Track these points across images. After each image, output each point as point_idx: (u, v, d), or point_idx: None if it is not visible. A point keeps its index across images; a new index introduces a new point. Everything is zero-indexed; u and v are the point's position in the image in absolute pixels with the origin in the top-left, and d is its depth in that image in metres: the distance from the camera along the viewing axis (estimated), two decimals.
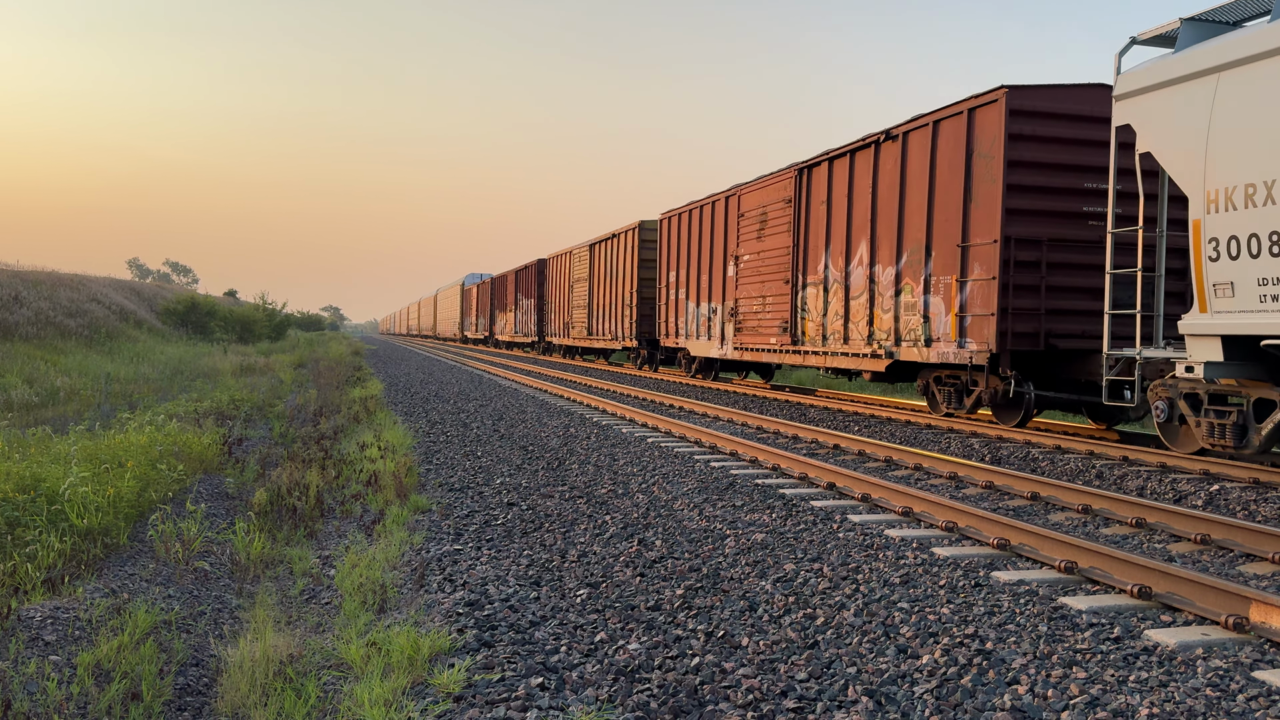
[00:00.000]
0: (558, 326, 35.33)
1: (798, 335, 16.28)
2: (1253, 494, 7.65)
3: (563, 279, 34.43)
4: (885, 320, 13.47)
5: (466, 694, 3.89)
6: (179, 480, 8.68)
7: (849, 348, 14.47)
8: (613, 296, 27.87)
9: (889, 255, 13.42)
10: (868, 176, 14.08)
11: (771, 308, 17.08)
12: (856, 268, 14.40)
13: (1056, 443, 10.26)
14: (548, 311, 37.35)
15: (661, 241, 23.44)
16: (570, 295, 33.16)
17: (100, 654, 4.41)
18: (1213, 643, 4.27)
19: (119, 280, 51.27)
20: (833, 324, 15.11)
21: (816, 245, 15.62)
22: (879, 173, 13.70)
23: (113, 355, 26.93)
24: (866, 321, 13.95)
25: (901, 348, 13.10)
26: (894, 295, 13.24)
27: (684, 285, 21.74)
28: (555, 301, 35.97)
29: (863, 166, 14.30)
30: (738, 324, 18.52)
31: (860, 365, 14.29)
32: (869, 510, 7.32)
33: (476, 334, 58.96)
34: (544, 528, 6.97)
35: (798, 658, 4.24)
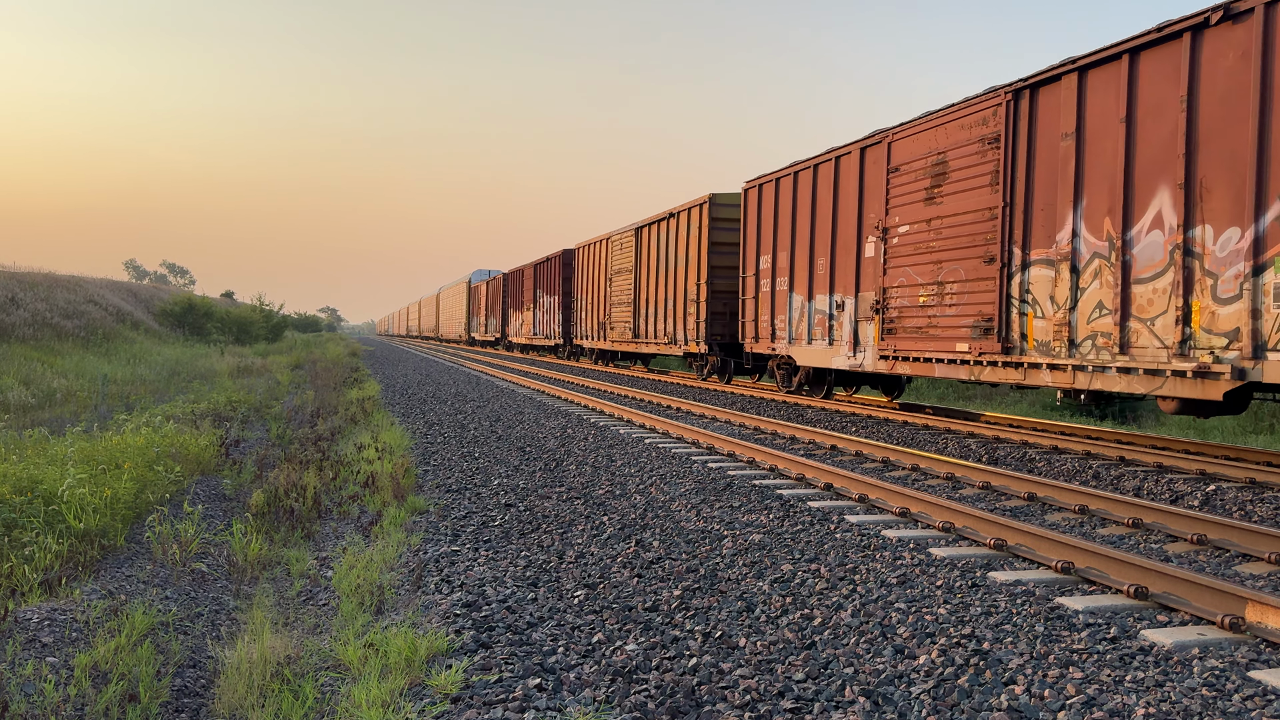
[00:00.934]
0: (588, 327, 30.46)
1: (1012, 339, 11.08)
2: (1249, 494, 7.67)
3: (596, 272, 29.50)
4: (1223, 315, 8.47)
5: (464, 695, 3.89)
6: (176, 482, 8.67)
7: (1132, 359, 9.35)
8: (668, 291, 22.73)
9: (1231, 208, 8.45)
10: (1172, 84, 9.06)
11: (957, 299, 11.98)
12: (1146, 233, 9.29)
13: (1054, 443, 10.28)
14: (575, 310, 32.40)
15: (749, 218, 17.98)
16: (606, 291, 28.19)
17: (98, 655, 4.41)
18: (1209, 642, 4.28)
19: (115, 281, 51.22)
20: (1091, 321, 9.92)
21: (1051, 202, 10.54)
22: (1200, 77, 8.78)
23: (109, 356, 26.90)
24: (1176, 319, 8.85)
25: (1269, 360, 8.11)
26: (1248, 274, 8.25)
27: (785, 273, 16.62)
28: (585, 299, 30.92)
29: (1158, 71, 9.27)
30: (887, 323, 13.43)
31: (1158, 389, 9.07)
32: (866, 511, 7.33)
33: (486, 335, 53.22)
34: (541, 529, 6.97)
35: (795, 658, 4.24)
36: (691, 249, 21.28)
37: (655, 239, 23.87)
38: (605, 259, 28.29)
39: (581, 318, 31.61)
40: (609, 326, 27.81)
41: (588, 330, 30.69)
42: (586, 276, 30.66)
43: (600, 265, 28.90)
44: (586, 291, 30.65)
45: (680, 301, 21.85)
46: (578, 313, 32.10)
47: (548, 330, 36.49)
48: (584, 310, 31.25)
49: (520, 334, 42.83)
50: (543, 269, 37.66)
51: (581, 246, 31.42)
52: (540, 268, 38.16)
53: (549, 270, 36.34)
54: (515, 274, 43.92)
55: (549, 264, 36.27)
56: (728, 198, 20.16)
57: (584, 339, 31.27)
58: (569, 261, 33.72)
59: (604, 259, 28.48)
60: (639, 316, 25.02)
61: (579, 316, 31.93)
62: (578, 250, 31.98)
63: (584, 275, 31.07)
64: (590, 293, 30.28)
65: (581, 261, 31.45)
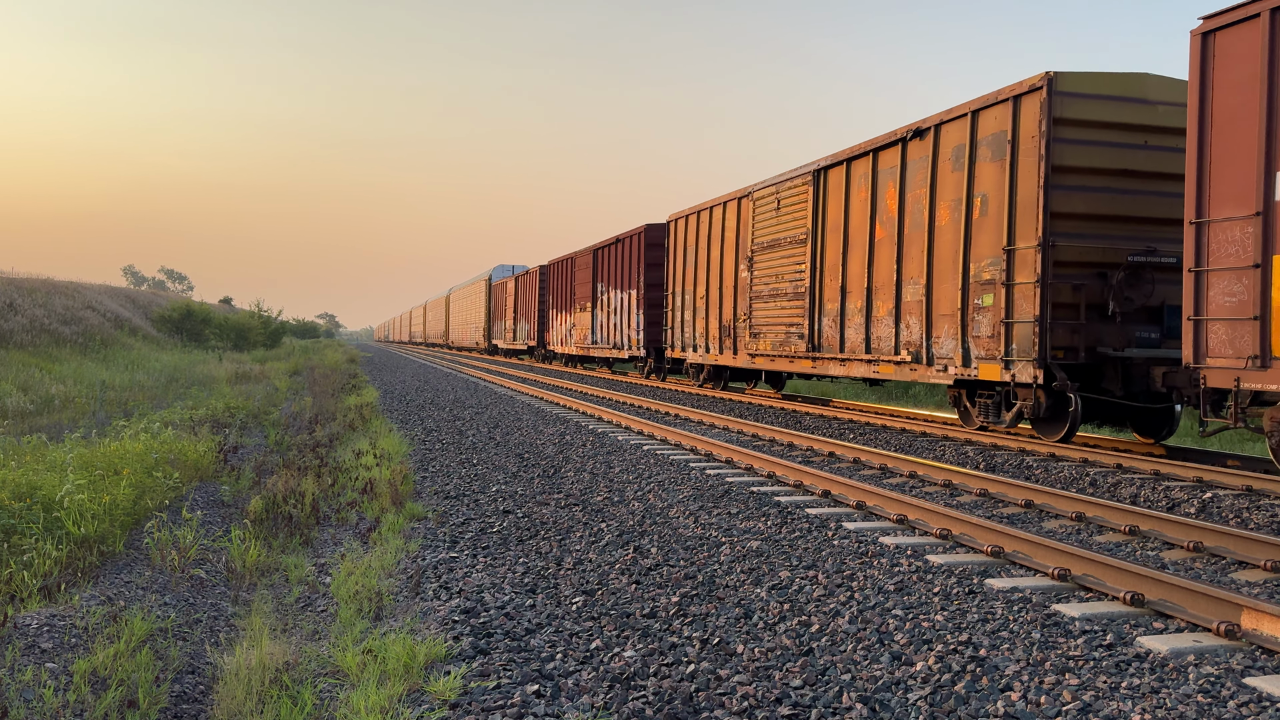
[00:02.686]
0: (696, 333, 20.89)
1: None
2: (1245, 501, 7.69)
3: (713, 251, 19.96)
4: None
5: (462, 701, 3.91)
6: (175, 488, 8.68)
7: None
8: (889, 269, 13.26)
9: None
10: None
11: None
12: None
13: (1051, 450, 10.29)
14: (672, 309, 22.51)
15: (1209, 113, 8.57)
16: (740, 277, 18.46)
17: (97, 661, 4.42)
18: (1204, 649, 4.30)
19: (114, 287, 51.26)
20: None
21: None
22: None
23: (108, 363, 26.90)
24: None
25: None
26: None
27: None
28: (689, 293, 21.34)
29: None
30: None
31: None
32: (864, 518, 7.34)
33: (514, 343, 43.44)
34: (540, 535, 6.99)
35: (793, 664, 4.26)
36: (996, 181, 11.23)
37: (872, 181, 13.67)
38: (738, 229, 18.65)
39: (683, 322, 21.73)
40: (754, 331, 17.61)
41: (696, 337, 20.86)
42: (693, 259, 21.09)
43: (721, 240, 19.53)
44: (692, 281, 21.12)
45: (957, 285, 11.84)
46: (675, 313, 22.29)
47: (618, 337, 26.76)
48: (687, 310, 21.46)
49: (569, 341, 32.71)
50: (609, 255, 27.94)
51: (682, 216, 22.00)
52: (605, 254, 28.44)
53: (621, 255, 26.71)
54: (561, 265, 34.44)
55: (621, 247, 26.80)
56: (1083, 81, 10.71)
57: (687, 350, 21.45)
58: (657, 241, 24.48)
59: (733, 229, 18.94)
60: (819, 315, 15.22)
61: (679, 319, 22.06)
62: (675, 224, 22.48)
63: (688, 258, 21.47)
64: (702, 282, 20.49)
65: (683, 238, 21.84)
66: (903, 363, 12.77)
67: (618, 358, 27.57)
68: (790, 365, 16.16)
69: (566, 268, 33.60)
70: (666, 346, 22.88)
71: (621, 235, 26.76)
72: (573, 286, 32.59)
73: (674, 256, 22.44)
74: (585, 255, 30.71)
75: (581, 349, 31.14)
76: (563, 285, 34.25)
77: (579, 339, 31.42)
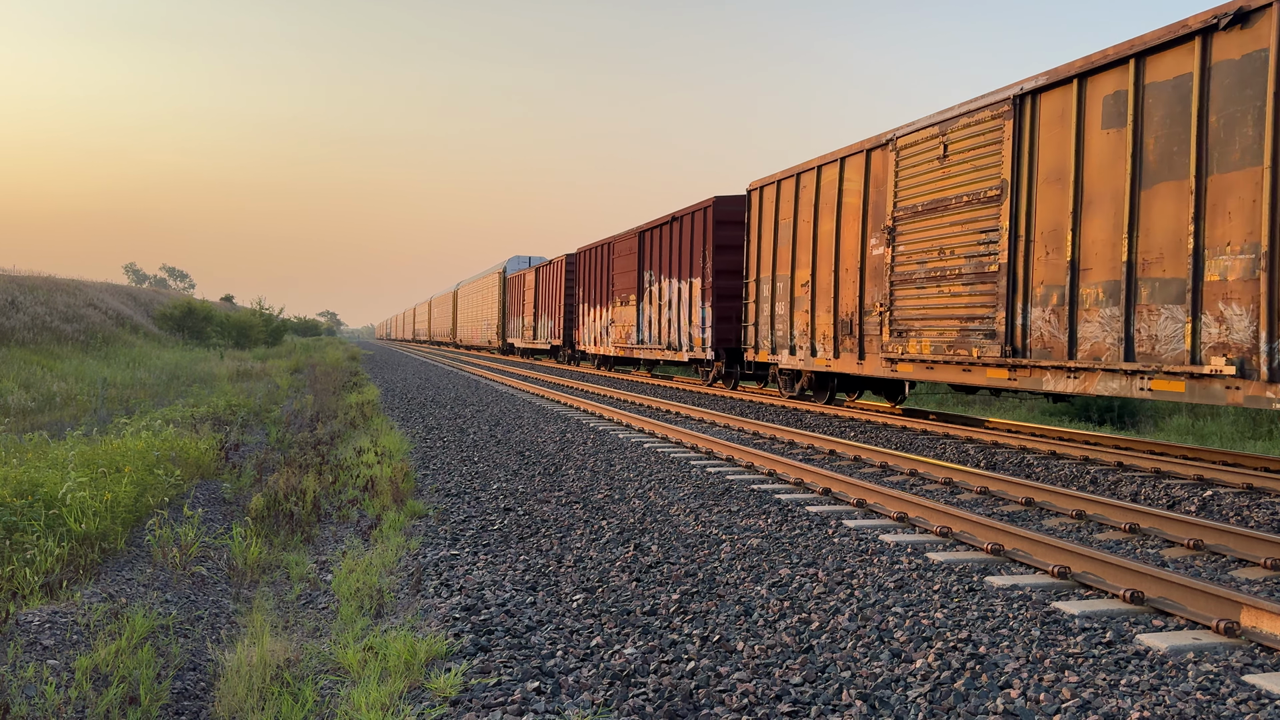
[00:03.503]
0: (793, 331, 16.10)
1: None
2: (1245, 499, 7.69)
3: (817, 224, 15.19)
4: None
5: (463, 698, 3.92)
6: (176, 485, 8.69)
7: None
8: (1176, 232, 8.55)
9: None
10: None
11: None
12: None
13: (1051, 448, 10.30)
14: (757, 301, 17.54)
15: None
16: (878, 256, 13.46)
17: (98, 658, 4.43)
18: (1204, 647, 4.30)
19: (115, 285, 51.30)
20: None
21: None
22: None
23: (109, 360, 26.92)
24: None
25: None
26: None
27: None
28: (781, 280, 16.59)
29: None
30: None
31: None
32: (864, 515, 7.35)
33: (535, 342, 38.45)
34: (540, 533, 7.00)
35: (792, 662, 4.27)
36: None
37: (1134, 103, 9.04)
38: (867, 191, 13.67)
39: (772, 313, 16.94)
40: (886, 329, 13.09)
41: (791, 336, 16.25)
42: (789, 236, 16.21)
43: (837, 208, 14.49)
44: (787, 264, 16.34)
45: None
46: (759, 306, 17.42)
47: (673, 335, 22.03)
48: (777, 299, 16.75)
49: (605, 340, 28.08)
50: (661, 238, 23.16)
51: (771, 183, 16.87)
52: (655, 236, 23.63)
53: (678, 237, 21.91)
54: (594, 254, 29.60)
55: (677, 228, 21.99)
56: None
57: (779, 350, 16.65)
58: (730, 217, 19.49)
59: (857, 192, 13.94)
60: (1022, 303, 10.59)
61: (763, 312, 17.27)
62: (760, 193, 17.38)
63: (780, 235, 16.60)
64: (805, 265, 15.66)
65: (772, 211, 16.91)
66: (1212, 375, 8.07)
67: (672, 360, 22.59)
68: (966, 376, 11.27)
69: (601, 255, 28.73)
70: (745, 347, 17.90)
71: (679, 212, 21.71)
72: (610, 277, 27.61)
73: (757, 234, 17.49)
74: (627, 239, 25.93)
75: (621, 349, 26.19)
76: (597, 276, 29.25)
77: (619, 338, 26.57)
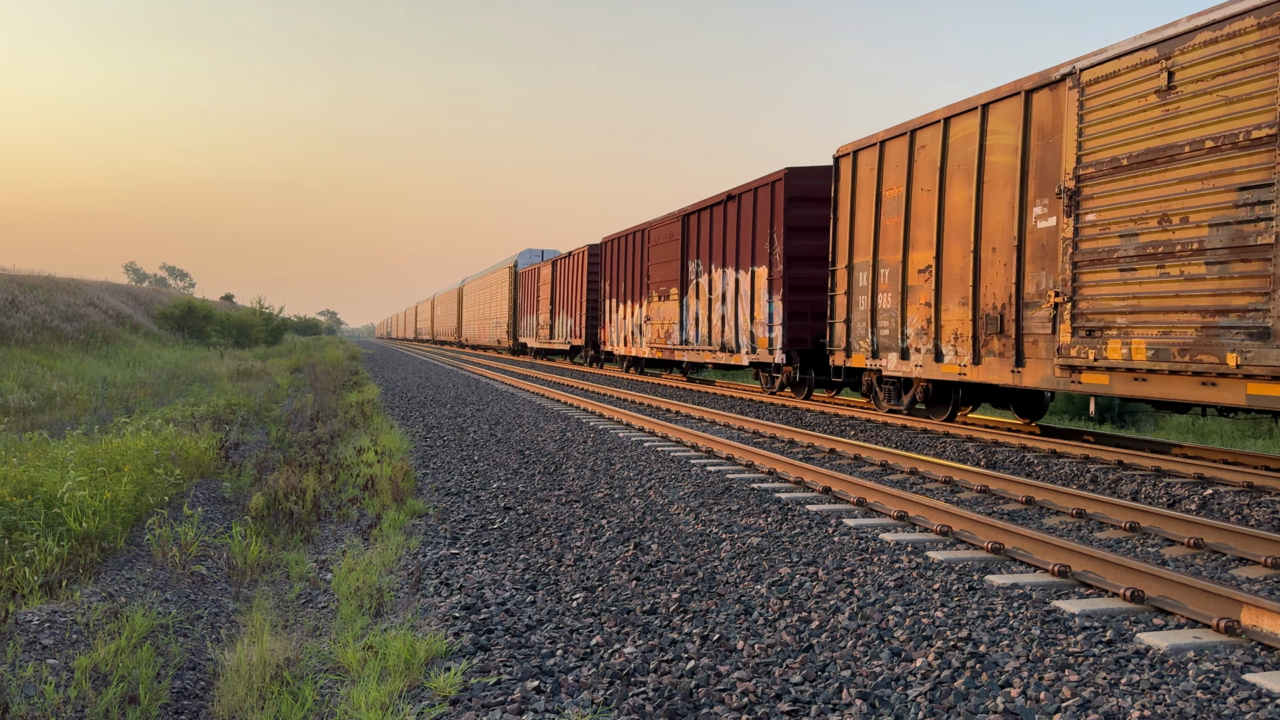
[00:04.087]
0: (905, 328, 12.79)
1: None
2: (1246, 498, 7.68)
3: (944, 192, 11.92)
4: None
5: (463, 697, 3.91)
6: (176, 485, 8.69)
7: None
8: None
9: None
10: None
11: None
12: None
13: (1052, 447, 10.29)
14: (849, 293, 14.14)
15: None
16: (1047, 231, 10.04)
17: (98, 657, 4.43)
18: (1204, 646, 4.30)
19: (115, 284, 51.30)
20: None
21: None
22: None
23: (109, 359, 26.92)
24: None
25: None
26: None
27: None
28: (885, 266, 13.28)
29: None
30: None
31: None
32: (864, 514, 7.35)
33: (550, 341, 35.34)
34: (540, 532, 6.99)
35: (792, 661, 4.26)
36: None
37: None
38: (1025, 146, 10.52)
39: (872, 307, 13.47)
40: (1067, 326, 9.75)
41: (901, 335, 12.81)
42: (896, 209, 12.99)
43: (977, 170, 11.28)
44: (893, 245, 13.02)
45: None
46: (853, 298, 14.01)
47: (729, 335, 18.49)
48: (880, 290, 13.32)
49: (638, 340, 24.67)
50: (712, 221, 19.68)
51: (870, 145, 13.61)
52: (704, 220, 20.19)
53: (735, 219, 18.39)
54: (623, 243, 26.38)
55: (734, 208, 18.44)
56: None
57: (883, 354, 13.20)
58: (808, 192, 16.17)
59: (1009, 148, 10.81)
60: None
61: (857, 305, 13.90)
62: (854, 159, 14.04)
63: (883, 209, 13.30)
64: (922, 245, 12.41)
65: (870, 181, 13.63)
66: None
67: (725, 364, 19.15)
68: (1210, 393, 8.24)
69: (632, 245, 25.51)
70: (831, 349, 14.52)
71: (736, 190, 18.24)
72: (645, 268, 24.19)
73: (850, 211, 14.04)
74: (667, 224, 22.53)
75: (659, 350, 22.82)
76: (627, 268, 25.97)
77: (655, 337, 23.12)
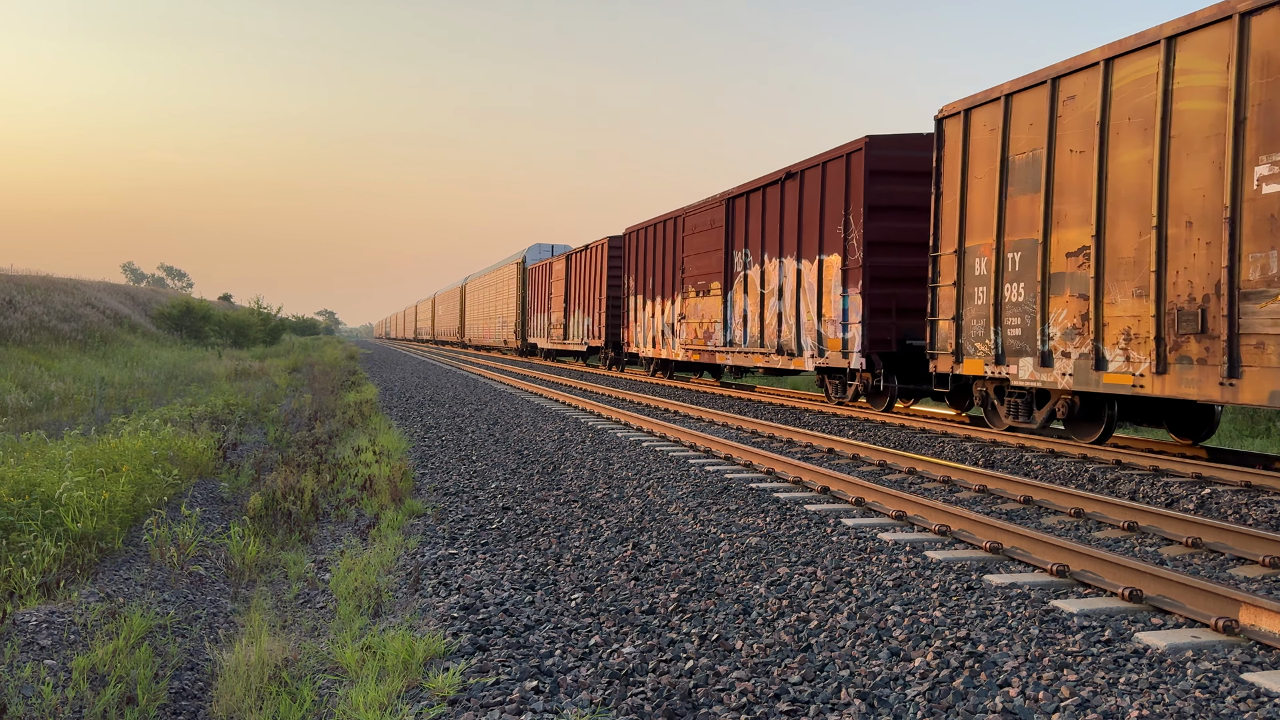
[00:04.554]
0: (1047, 328, 10.05)
1: None
2: (1244, 497, 7.69)
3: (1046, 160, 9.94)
4: None
5: (461, 697, 3.91)
6: (174, 485, 8.68)
7: None
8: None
9: None
10: None
11: None
12: None
13: (1050, 447, 10.30)
14: (964, 281, 11.34)
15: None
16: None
17: (95, 658, 4.42)
18: (1202, 645, 4.30)
19: (113, 284, 51.27)
20: None
21: None
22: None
23: (107, 359, 26.89)
24: None
25: None
26: None
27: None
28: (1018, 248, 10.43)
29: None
30: None
31: None
32: (863, 514, 7.35)
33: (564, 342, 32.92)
34: (539, 531, 6.99)
35: (791, 660, 4.26)
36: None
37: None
38: (1241, 84, 7.77)
39: (999, 300, 10.81)
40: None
41: (1044, 336, 10.17)
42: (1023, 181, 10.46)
43: (1156, 127, 8.59)
44: (1022, 225, 10.48)
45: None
46: (961, 291, 11.50)
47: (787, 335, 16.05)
48: (1008, 279, 10.68)
49: (669, 341, 22.34)
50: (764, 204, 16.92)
51: (1002, 97, 10.71)
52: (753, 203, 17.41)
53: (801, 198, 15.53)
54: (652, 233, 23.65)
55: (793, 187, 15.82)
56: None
57: (1011, 359, 10.65)
58: (893, 165, 13.77)
59: (1214, 90, 8.03)
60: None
61: (969, 300, 11.37)
62: (963, 119, 11.47)
63: (1005, 180, 10.73)
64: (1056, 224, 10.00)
65: (990, 143, 11.01)
66: None
67: (782, 369, 16.52)
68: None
69: (663, 235, 22.87)
70: (935, 352, 12.04)
71: (798, 166, 15.59)
72: (677, 261, 21.67)
73: (961, 183, 11.46)
74: (707, 210, 19.86)
75: (696, 351, 20.30)
76: (657, 260, 23.31)
77: (691, 337, 20.53)
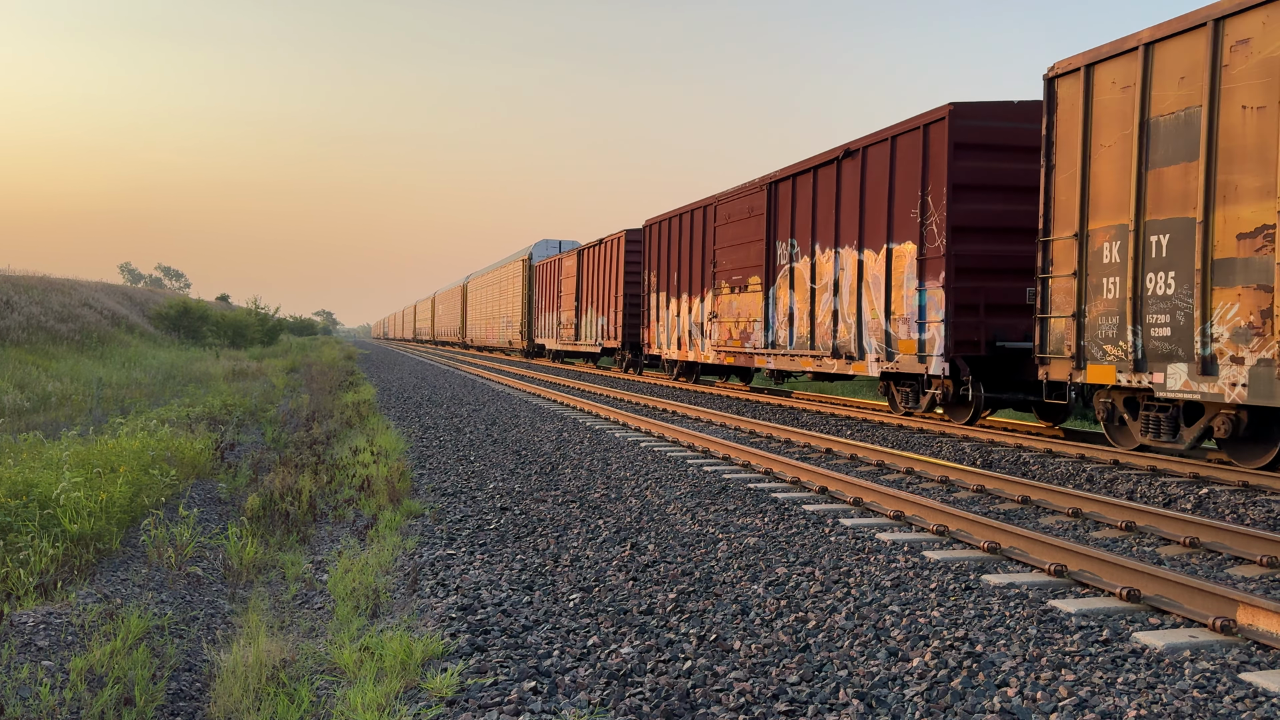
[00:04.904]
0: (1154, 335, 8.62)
1: None
2: (1241, 497, 7.70)
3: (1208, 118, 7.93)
4: None
5: (459, 698, 3.91)
6: (171, 485, 8.67)
7: None
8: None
9: None
10: None
11: None
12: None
13: (1048, 447, 10.30)
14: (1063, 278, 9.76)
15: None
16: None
17: (93, 659, 4.41)
18: (1200, 645, 4.30)
19: (111, 285, 51.18)
20: None
21: None
22: None
23: (104, 360, 26.86)
24: None
25: None
26: None
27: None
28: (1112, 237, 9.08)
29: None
30: None
31: None
32: (861, 514, 7.35)
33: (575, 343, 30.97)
34: (537, 532, 6.98)
35: (789, 660, 4.26)
36: None
37: None
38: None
39: (1108, 300, 9.27)
40: None
41: (1166, 340, 8.61)
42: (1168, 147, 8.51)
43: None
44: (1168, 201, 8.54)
45: None
46: (1081, 284, 9.59)
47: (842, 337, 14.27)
48: (1124, 270, 9.03)
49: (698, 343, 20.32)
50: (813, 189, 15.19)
51: (1134, 49, 8.79)
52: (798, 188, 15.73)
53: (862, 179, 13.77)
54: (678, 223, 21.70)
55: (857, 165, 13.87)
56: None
57: (1152, 363, 8.81)
58: (979, 139, 11.99)
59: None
60: None
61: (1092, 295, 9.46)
62: (1082, 77, 9.44)
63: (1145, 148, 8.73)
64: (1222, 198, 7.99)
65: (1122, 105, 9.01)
66: None
67: (839, 374, 14.80)
68: None
69: (691, 226, 20.86)
70: (1046, 356, 10.24)
71: (858, 142, 13.84)
72: (708, 254, 19.76)
73: (1081, 152, 9.59)
74: (744, 196, 17.85)
75: (731, 354, 18.34)
76: (683, 254, 21.37)
77: (725, 338, 18.61)
